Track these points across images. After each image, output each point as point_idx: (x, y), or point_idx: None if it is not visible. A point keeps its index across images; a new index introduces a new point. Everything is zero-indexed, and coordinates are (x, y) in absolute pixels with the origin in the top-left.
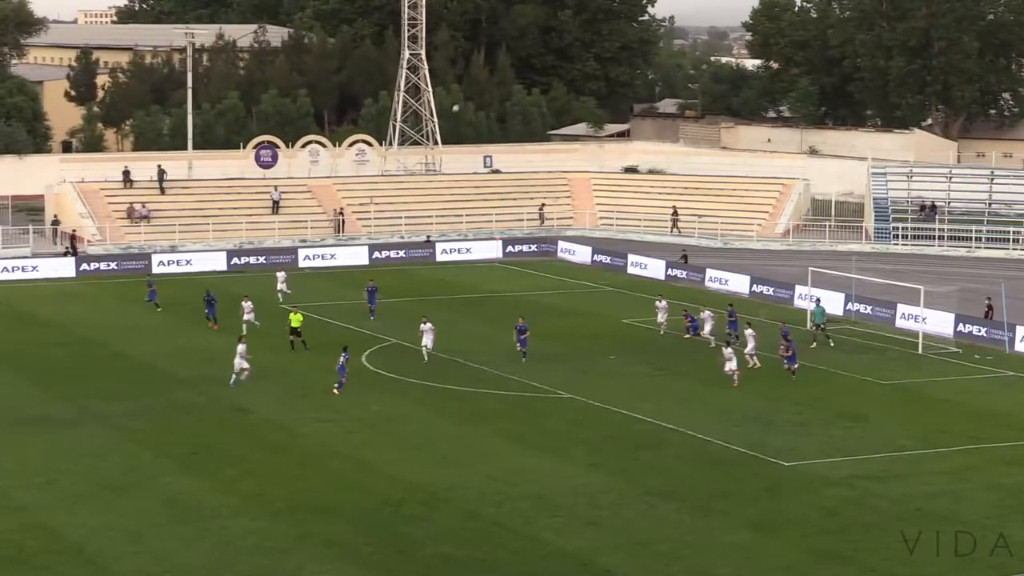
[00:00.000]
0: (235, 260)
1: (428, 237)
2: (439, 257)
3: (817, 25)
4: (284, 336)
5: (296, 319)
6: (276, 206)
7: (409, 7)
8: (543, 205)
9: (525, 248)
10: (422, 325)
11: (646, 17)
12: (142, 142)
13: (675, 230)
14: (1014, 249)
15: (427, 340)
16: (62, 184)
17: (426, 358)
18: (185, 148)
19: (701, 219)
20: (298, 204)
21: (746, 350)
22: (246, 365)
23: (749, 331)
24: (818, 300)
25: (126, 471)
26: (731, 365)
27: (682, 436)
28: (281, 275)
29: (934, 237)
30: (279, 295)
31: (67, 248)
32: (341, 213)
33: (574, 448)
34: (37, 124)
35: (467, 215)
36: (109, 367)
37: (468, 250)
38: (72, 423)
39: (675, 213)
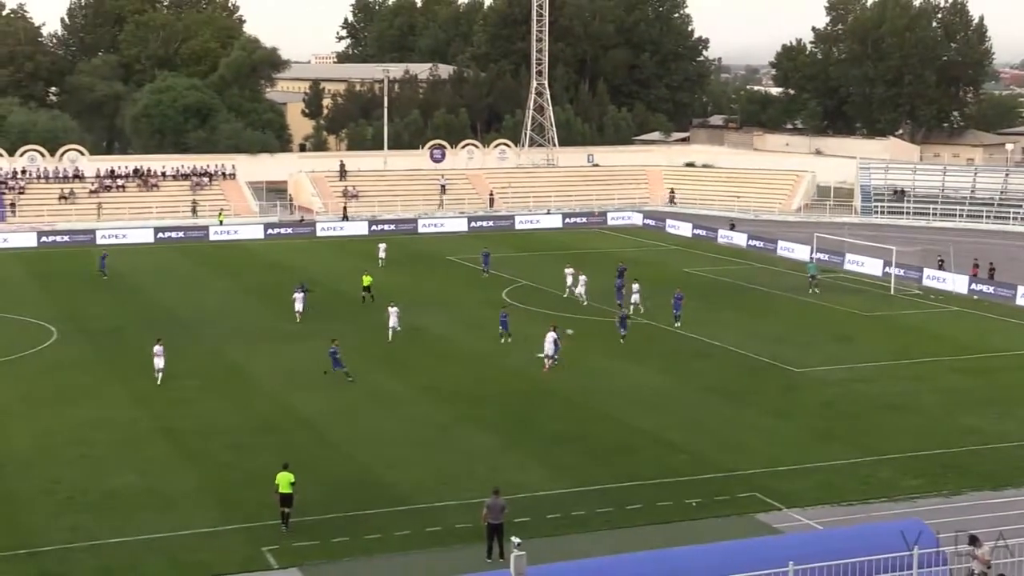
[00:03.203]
0: (374, 227)
1: (548, 211)
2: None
3: (822, 64)
4: (370, 291)
5: (367, 279)
6: (443, 189)
7: (536, 51)
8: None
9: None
10: (389, 308)
11: (702, 58)
12: (353, 144)
13: (672, 204)
14: (959, 221)
15: (394, 321)
16: (299, 173)
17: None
18: (382, 148)
19: (739, 199)
20: (459, 188)
21: (633, 301)
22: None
23: (636, 286)
24: (814, 258)
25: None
26: (548, 347)
27: (724, 351)
28: (383, 245)
29: (903, 213)
30: (379, 261)
31: (297, 219)
32: (491, 195)
33: (649, 358)
34: (282, 132)
35: (575, 197)
36: (332, 302)
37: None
38: (301, 338)
39: (672, 193)
